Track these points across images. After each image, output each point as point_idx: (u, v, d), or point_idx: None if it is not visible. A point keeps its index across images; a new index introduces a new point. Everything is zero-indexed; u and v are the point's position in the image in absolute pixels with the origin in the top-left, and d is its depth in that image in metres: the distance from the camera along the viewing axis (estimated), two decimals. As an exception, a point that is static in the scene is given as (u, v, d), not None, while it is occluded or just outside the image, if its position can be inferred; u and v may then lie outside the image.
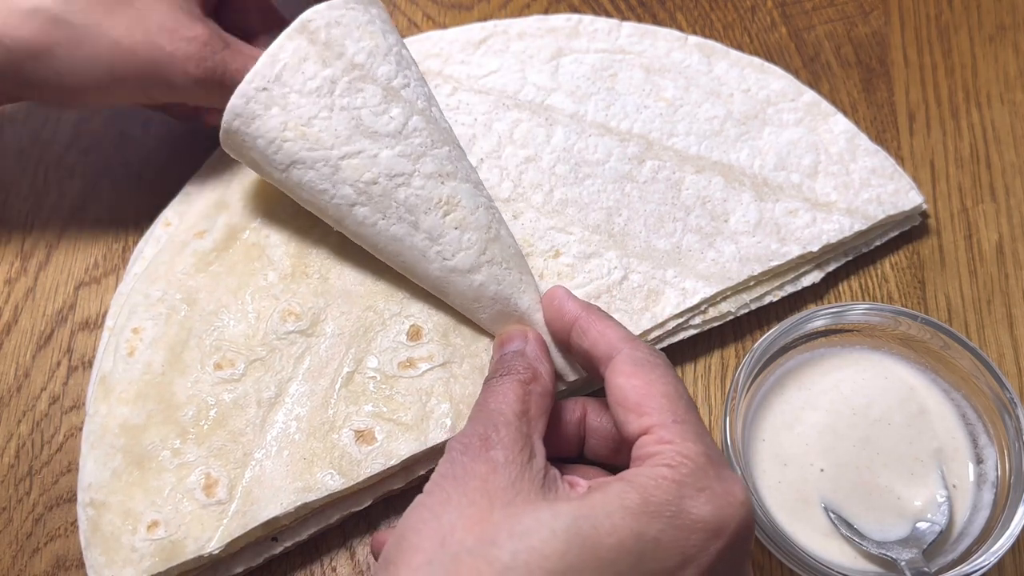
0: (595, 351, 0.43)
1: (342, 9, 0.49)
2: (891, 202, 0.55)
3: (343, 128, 0.47)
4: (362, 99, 0.47)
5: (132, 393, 0.47)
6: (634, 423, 0.39)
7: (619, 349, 0.42)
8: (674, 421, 0.38)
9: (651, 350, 0.42)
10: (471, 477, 0.37)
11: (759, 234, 0.54)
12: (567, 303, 0.46)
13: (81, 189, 0.58)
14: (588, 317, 0.44)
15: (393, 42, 0.50)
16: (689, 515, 0.35)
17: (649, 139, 0.57)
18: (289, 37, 0.47)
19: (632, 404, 0.39)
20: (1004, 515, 0.44)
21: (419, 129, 0.48)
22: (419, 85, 0.50)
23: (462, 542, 0.34)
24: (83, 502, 0.45)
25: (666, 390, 0.39)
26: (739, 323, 0.54)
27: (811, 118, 0.58)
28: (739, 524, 0.36)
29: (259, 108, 0.47)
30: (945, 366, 0.48)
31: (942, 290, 0.55)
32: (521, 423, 0.40)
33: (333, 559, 0.48)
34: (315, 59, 0.47)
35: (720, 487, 0.36)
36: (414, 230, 0.47)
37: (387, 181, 0.47)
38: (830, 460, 0.46)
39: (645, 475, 0.36)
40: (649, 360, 0.41)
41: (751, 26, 0.65)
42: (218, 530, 0.44)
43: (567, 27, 0.61)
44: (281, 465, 0.46)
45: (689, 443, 0.37)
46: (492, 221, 0.48)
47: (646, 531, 0.34)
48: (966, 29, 0.64)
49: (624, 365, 0.41)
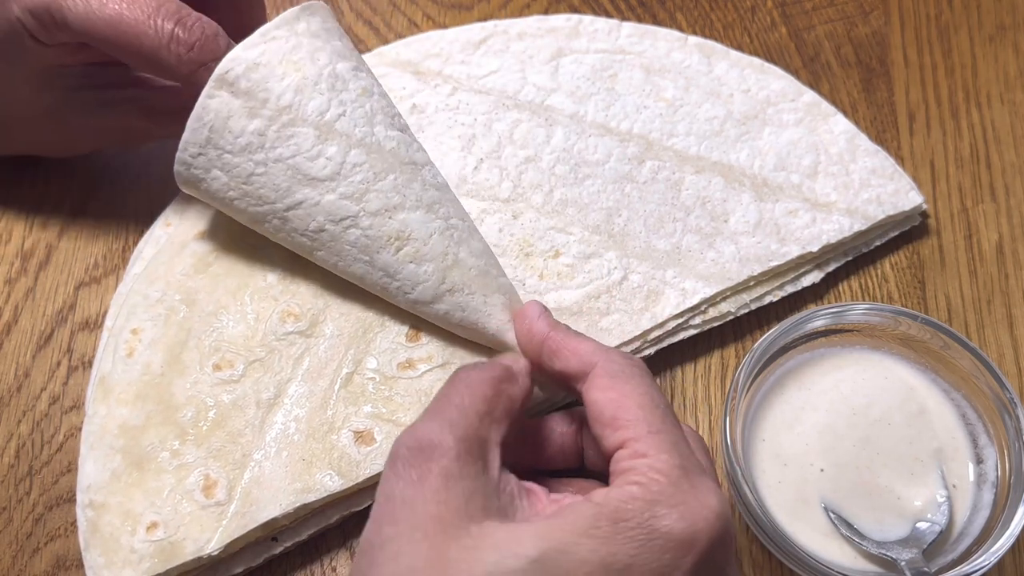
0: (568, 370, 0.42)
1: (261, 45, 0.46)
2: (891, 202, 0.55)
3: (282, 180, 0.46)
4: (295, 145, 0.46)
5: (131, 394, 0.47)
6: (610, 437, 0.38)
7: (593, 363, 0.41)
8: (649, 432, 0.37)
9: (626, 358, 0.41)
10: (420, 501, 0.35)
11: (759, 234, 0.54)
12: (535, 323, 0.44)
13: (81, 189, 0.58)
14: (556, 337, 0.43)
15: (325, 62, 0.47)
16: (660, 533, 0.34)
17: (649, 139, 0.57)
18: (209, 95, 0.45)
19: (607, 419, 0.38)
20: (1004, 515, 0.43)
21: (359, 164, 0.46)
22: (358, 105, 0.47)
23: None
24: (82, 503, 0.45)
25: (641, 401, 0.39)
26: (739, 323, 0.54)
27: (811, 118, 0.58)
28: (712, 535, 0.35)
29: (201, 172, 0.47)
30: (945, 366, 0.48)
31: (942, 290, 0.55)
32: (481, 424, 0.38)
33: (333, 559, 0.48)
34: (240, 113, 0.45)
35: (695, 500, 0.35)
36: (371, 268, 0.47)
37: (334, 226, 0.47)
38: (830, 460, 0.46)
39: (615, 496, 0.35)
40: (624, 371, 0.40)
41: (751, 26, 0.65)
42: (217, 531, 0.44)
43: (567, 27, 0.61)
44: (280, 466, 0.46)
45: (664, 455, 0.36)
46: (449, 246, 0.47)
47: (618, 557, 0.34)
48: (966, 29, 0.64)
49: (600, 379, 0.40)
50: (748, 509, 0.44)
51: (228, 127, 0.45)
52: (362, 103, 0.47)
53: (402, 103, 0.58)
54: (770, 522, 0.43)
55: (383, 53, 0.60)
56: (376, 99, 0.48)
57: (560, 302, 0.51)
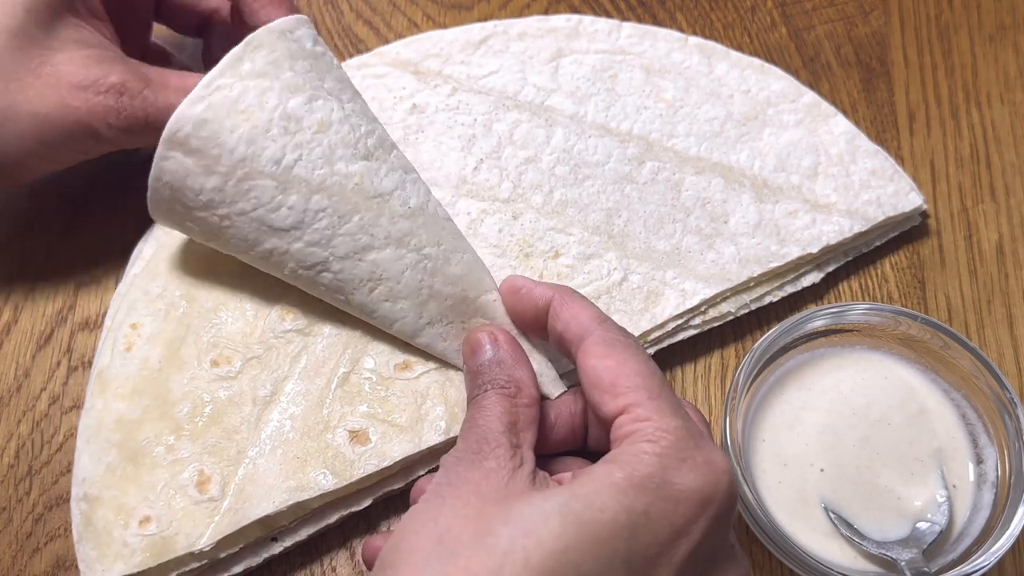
0: (567, 333, 0.43)
1: (206, 99, 0.44)
2: (891, 203, 0.55)
3: (250, 232, 0.46)
4: (255, 198, 0.45)
5: (128, 388, 0.47)
6: (610, 404, 0.39)
7: (590, 331, 0.42)
8: (649, 398, 0.38)
9: (621, 330, 0.42)
10: (464, 483, 0.38)
11: (759, 235, 0.54)
12: (536, 289, 0.45)
13: (81, 189, 0.58)
14: (561, 298, 0.44)
15: (275, 103, 0.45)
16: (674, 486, 0.36)
17: (649, 140, 0.57)
18: (163, 157, 0.44)
19: (607, 385, 0.40)
20: (1004, 515, 0.43)
21: (322, 210, 0.45)
22: (315, 144, 0.46)
23: (459, 538, 0.35)
24: (77, 496, 0.45)
25: (639, 368, 0.40)
26: (739, 323, 0.54)
27: (811, 119, 0.58)
28: (725, 492, 0.37)
29: (176, 224, 0.47)
30: (945, 366, 0.48)
31: (942, 290, 0.55)
32: (510, 435, 0.40)
33: (333, 559, 0.48)
34: (196, 172, 0.45)
35: (701, 456, 0.37)
36: (349, 306, 0.48)
37: (306, 272, 0.47)
38: (830, 460, 0.46)
39: (627, 452, 0.37)
40: (620, 340, 0.41)
41: (751, 26, 0.65)
42: (209, 527, 0.44)
43: (567, 28, 0.61)
44: (275, 463, 0.46)
45: (667, 418, 0.38)
46: (423, 279, 0.47)
47: (635, 505, 0.35)
48: (966, 29, 0.64)
49: (596, 346, 0.41)
50: (748, 509, 0.44)
51: (187, 186, 0.45)
52: (319, 140, 0.46)
53: (402, 103, 0.58)
54: (770, 522, 0.43)
55: (383, 53, 0.60)
56: (335, 129, 0.47)
57: (560, 302, 0.51)
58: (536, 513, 0.35)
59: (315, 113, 0.46)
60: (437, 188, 0.54)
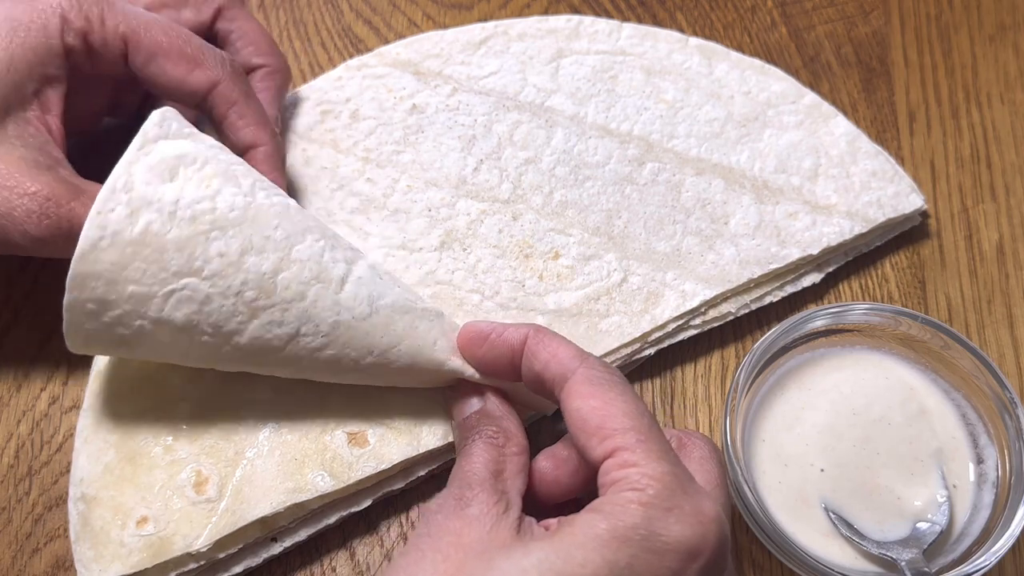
0: (547, 373, 0.41)
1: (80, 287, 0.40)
2: (891, 205, 0.55)
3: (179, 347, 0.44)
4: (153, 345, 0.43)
5: (127, 388, 0.47)
6: (597, 448, 0.37)
7: (572, 369, 0.40)
8: (638, 441, 0.37)
9: (606, 367, 0.40)
10: (444, 534, 0.37)
11: (759, 237, 0.54)
12: (507, 331, 0.43)
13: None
14: (537, 336, 0.42)
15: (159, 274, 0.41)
16: (660, 538, 0.34)
17: (649, 141, 0.57)
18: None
19: (593, 427, 0.38)
20: (1004, 515, 0.43)
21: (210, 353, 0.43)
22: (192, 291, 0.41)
23: None
24: (74, 496, 0.45)
25: (627, 408, 0.38)
26: (739, 323, 0.54)
27: (811, 120, 0.58)
28: (714, 544, 0.35)
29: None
30: (945, 366, 0.48)
31: (942, 290, 0.55)
32: (495, 482, 0.39)
33: (333, 559, 0.48)
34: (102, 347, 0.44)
35: (689, 506, 0.35)
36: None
37: None
38: (830, 460, 0.46)
39: (612, 501, 0.35)
40: (606, 378, 0.39)
41: (751, 26, 0.65)
42: (207, 528, 0.44)
43: (567, 28, 0.61)
44: (272, 465, 0.46)
45: (654, 463, 0.36)
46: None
47: (618, 559, 0.34)
48: (966, 29, 0.64)
49: (580, 386, 0.39)
50: (748, 509, 0.44)
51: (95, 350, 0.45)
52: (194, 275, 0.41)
53: (402, 103, 0.58)
54: (770, 522, 0.43)
55: (383, 53, 0.60)
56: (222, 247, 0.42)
57: (560, 304, 0.51)
58: (514, 570, 0.34)
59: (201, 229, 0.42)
60: (437, 188, 0.55)
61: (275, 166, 0.50)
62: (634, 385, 0.52)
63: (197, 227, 0.41)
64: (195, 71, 0.48)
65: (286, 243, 0.43)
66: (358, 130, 0.57)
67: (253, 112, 0.50)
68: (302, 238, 0.43)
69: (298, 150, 0.56)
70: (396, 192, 0.55)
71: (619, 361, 0.51)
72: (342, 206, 0.54)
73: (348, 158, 0.56)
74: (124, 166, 0.41)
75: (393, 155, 0.56)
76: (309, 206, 0.54)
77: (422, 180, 0.55)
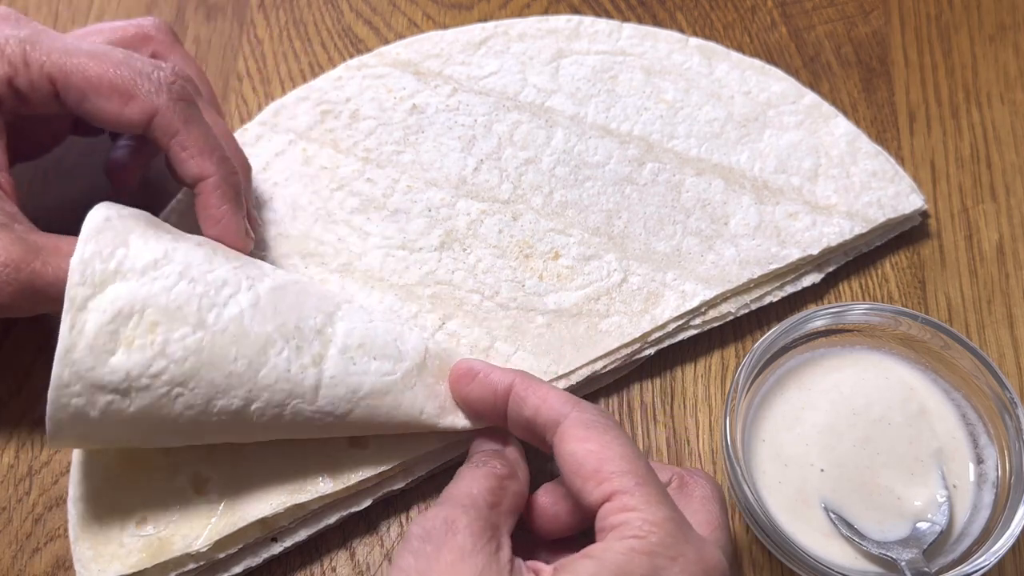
0: (539, 418, 0.40)
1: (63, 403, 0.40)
2: (891, 205, 0.55)
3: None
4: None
5: None
6: (594, 491, 0.36)
7: (565, 414, 0.39)
8: (636, 484, 0.36)
9: (598, 410, 0.40)
10: (431, 571, 0.35)
11: (759, 237, 0.54)
12: (493, 374, 0.43)
13: (81, 192, 0.57)
14: (523, 382, 0.41)
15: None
16: None
17: (649, 141, 0.57)
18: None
19: (589, 471, 0.37)
20: (1004, 515, 0.43)
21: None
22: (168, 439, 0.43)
23: None
24: (74, 496, 0.45)
25: (623, 451, 0.37)
26: (739, 323, 0.54)
27: (812, 121, 0.58)
28: None
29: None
30: (945, 366, 0.48)
31: (942, 290, 0.55)
32: (491, 513, 0.38)
33: (333, 559, 0.48)
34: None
35: (693, 553, 0.35)
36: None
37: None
38: (830, 460, 0.46)
39: (615, 550, 0.34)
40: (600, 421, 0.39)
41: (751, 26, 0.65)
42: (206, 528, 0.44)
43: (567, 28, 0.61)
44: (272, 465, 0.46)
45: (654, 508, 0.35)
46: None
47: None
48: (966, 29, 0.64)
49: (574, 429, 0.38)
50: (748, 509, 0.44)
51: None
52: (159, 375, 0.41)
53: (402, 103, 0.58)
54: (770, 522, 0.43)
55: (383, 54, 0.60)
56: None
57: (560, 304, 0.51)
58: None
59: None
60: (437, 188, 0.55)
61: (225, 197, 0.46)
62: (634, 385, 0.52)
63: (156, 393, 0.40)
64: (129, 104, 0.44)
65: (249, 372, 0.42)
66: (358, 130, 0.57)
67: (196, 141, 0.46)
68: (264, 357, 0.42)
69: (298, 150, 0.56)
70: (396, 192, 0.55)
71: (619, 361, 0.51)
72: (342, 206, 0.54)
73: (348, 158, 0.56)
74: (62, 358, 0.39)
75: (393, 155, 0.56)
76: (309, 206, 0.54)
77: (422, 180, 0.55)
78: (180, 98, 0.46)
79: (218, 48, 0.63)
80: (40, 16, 0.64)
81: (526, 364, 0.50)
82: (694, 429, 0.51)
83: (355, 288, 0.51)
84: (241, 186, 0.48)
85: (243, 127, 0.57)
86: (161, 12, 0.65)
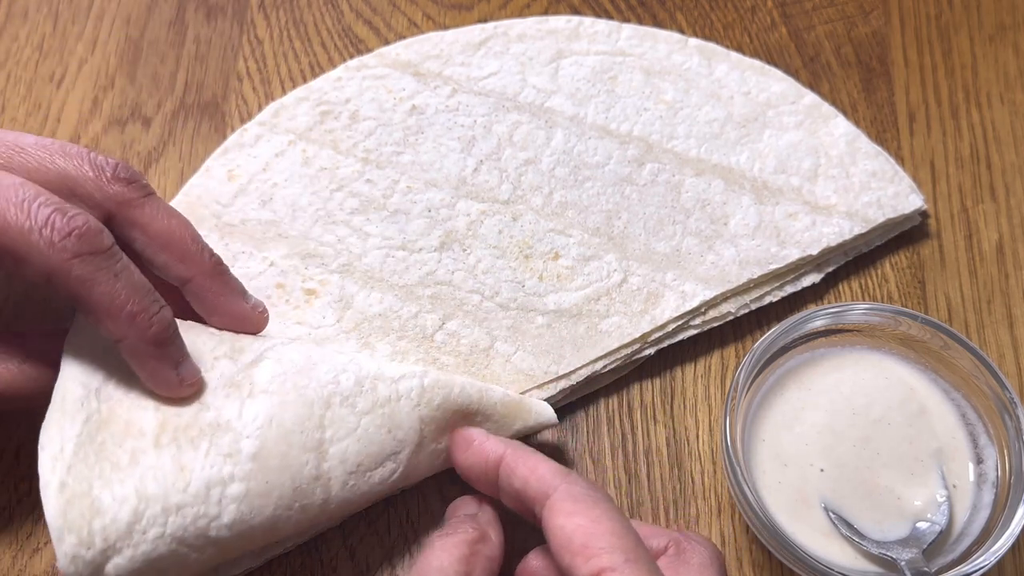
0: (528, 490, 0.39)
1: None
2: (891, 205, 0.55)
3: None
4: None
5: None
6: (582, 568, 0.35)
7: (554, 486, 0.38)
8: (626, 561, 0.35)
9: (589, 483, 0.39)
10: None
11: (759, 237, 0.54)
12: (487, 443, 0.42)
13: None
14: (514, 454, 0.41)
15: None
16: None
17: (649, 142, 0.57)
18: None
19: (577, 546, 0.36)
20: (1004, 515, 0.43)
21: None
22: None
23: None
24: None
25: (612, 526, 0.36)
26: (739, 323, 0.54)
27: (811, 121, 0.58)
28: None
29: None
30: (945, 366, 0.48)
31: (942, 290, 0.55)
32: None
33: (333, 559, 0.48)
34: None
35: None
36: None
37: None
38: (830, 460, 0.46)
39: None
40: (589, 495, 0.38)
41: (751, 26, 0.65)
42: None
43: (567, 29, 0.61)
44: None
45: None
46: None
47: None
48: (966, 29, 0.64)
49: (563, 503, 0.38)
50: (748, 509, 0.44)
51: None
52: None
53: (402, 104, 0.58)
54: (770, 522, 0.43)
55: (383, 54, 0.60)
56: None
57: (560, 304, 0.51)
58: None
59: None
60: (437, 189, 0.55)
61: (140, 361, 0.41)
62: (634, 385, 0.52)
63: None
64: (21, 266, 0.39)
65: (266, 525, 0.41)
66: (358, 131, 0.57)
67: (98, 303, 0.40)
68: (274, 533, 0.42)
69: (298, 150, 0.56)
70: (396, 193, 0.55)
71: (619, 361, 0.51)
72: (342, 207, 0.54)
73: (348, 159, 0.56)
74: None
75: (393, 156, 0.56)
76: (309, 207, 0.54)
77: (422, 181, 0.55)
78: (76, 255, 0.38)
79: (218, 48, 0.63)
80: (40, 16, 0.64)
81: (526, 364, 0.50)
82: (694, 429, 0.51)
83: (355, 288, 0.51)
84: (167, 334, 0.41)
85: (243, 127, 0.57)
86: (161, 12, 0.65)
